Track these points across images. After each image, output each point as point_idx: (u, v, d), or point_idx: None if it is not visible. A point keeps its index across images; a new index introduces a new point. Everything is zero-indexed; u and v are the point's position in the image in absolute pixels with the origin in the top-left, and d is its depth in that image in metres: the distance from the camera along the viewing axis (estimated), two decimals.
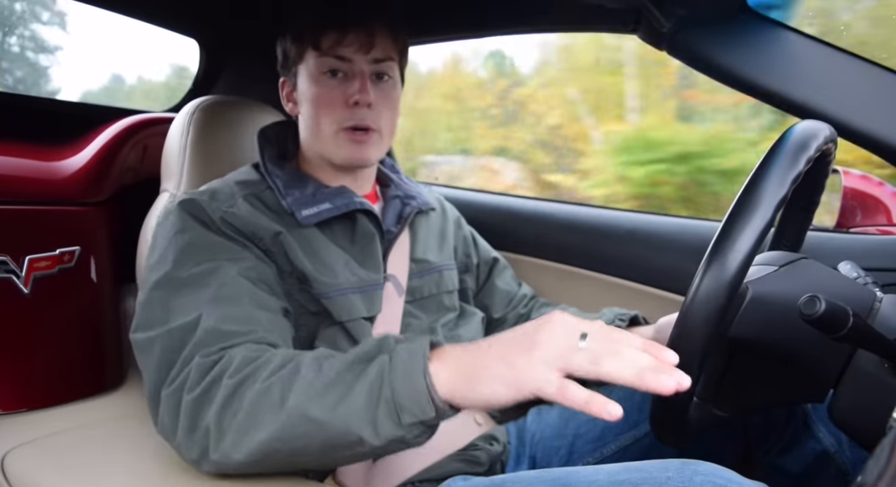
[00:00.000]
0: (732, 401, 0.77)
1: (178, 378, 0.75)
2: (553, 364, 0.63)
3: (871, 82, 0.93)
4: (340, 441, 0.69)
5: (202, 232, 0.88)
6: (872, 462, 0.38)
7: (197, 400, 0.73)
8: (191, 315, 0.79)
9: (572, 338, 0.64)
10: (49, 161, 1.18)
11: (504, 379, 0.64)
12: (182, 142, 1.12)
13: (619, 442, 1.03)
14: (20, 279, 1.07)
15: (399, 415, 0.67)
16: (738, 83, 0.99)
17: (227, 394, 0.72)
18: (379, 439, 0.68)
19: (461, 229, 1.28)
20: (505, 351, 0.66)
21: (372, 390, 0.68)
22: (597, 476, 0.70)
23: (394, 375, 0.68)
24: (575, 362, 0.62)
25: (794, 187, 0.65)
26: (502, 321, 1.25)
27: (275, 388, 0.71)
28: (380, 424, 0.67)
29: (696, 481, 0.63)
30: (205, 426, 0.72)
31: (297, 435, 0.69)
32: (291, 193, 0.98)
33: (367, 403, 0.68)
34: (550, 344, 0.64)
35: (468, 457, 0.98)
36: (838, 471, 0.90)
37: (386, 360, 0.70)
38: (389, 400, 0.67)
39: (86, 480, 0.84)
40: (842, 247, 1.16)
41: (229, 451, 0.71)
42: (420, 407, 0.67)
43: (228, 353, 0.76)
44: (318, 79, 0.98)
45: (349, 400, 0.68)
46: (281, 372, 0.72)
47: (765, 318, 0.71)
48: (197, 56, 1.65)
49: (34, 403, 1.09)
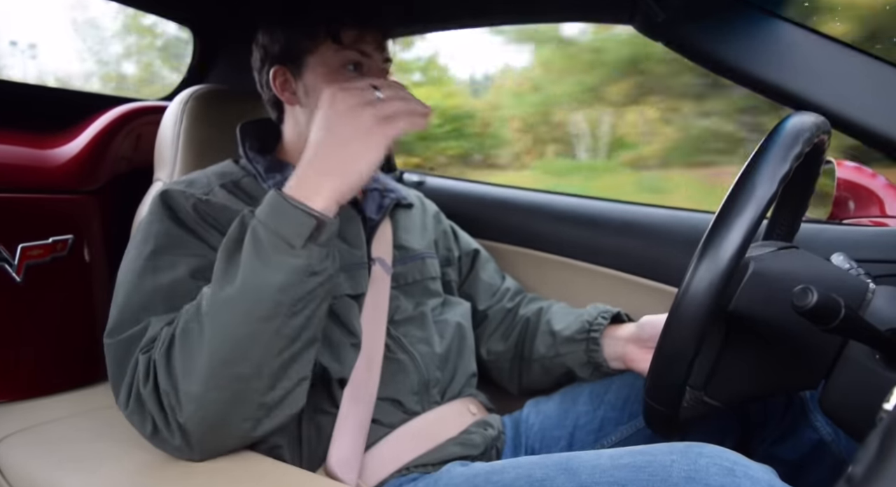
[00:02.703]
0: (725, 391, 0.78)
1: (133, 382, 0.77)
2: (363, 108, 0.74)
3: (865, 73, 0.93)
4: (262, 304, 0.71)
5: (170, 225, 0.88)
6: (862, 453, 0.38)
7: (152, 387, 0.75)
8: (140, 322, 0.81)
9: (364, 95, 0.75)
10: (42, 149, 1.17)
11: (339, 140, 0.74)
12: (175, 131, 1.11)
13: (619, 433, 1.03)
14: (12, 267, 1.06)
15: (289, 243, 0.71)
16: (733, 73, 0.99)
17: (165, 360, 0.74)
18: (287, 274, 0.71)
19: (440, 223, 1.28)
20: (334, 137, 0.75)
21: (254, 244, 0.72)
22: (599, 459, 0.71)
23: (263, 221, 0.72)
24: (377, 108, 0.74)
25: (787, 177, 0.65)
26: (485, 314, 1.24)
27: (190, 322, 0.74)
28: (278, 262, 0.71)
29: (702, 463, 0.63)
30: (165, 396, 0.74)
31: (223, 329, 0.72)
32: (273, 177, 0.99)
33: (256, 256, 0.71)
34: (339, 109, 0.75)
35: (463, 441, 0.99)
36: (834, 460, 0.90)
37: (252, 222, 0.74)
38: (273, 239, 0.71)
39: (79, 468, 0.84)
40: (835, 239, 1.16)
41: (189, 398, 0.72)
42: (299, 221, 0.71)
43: (159, 336, 0.78)
44: (338, 71, 0.97)
45: (243, 265, 0.72)
46: (190, 311, 0.75)
47: (763, 296, 0.71)
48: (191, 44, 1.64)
49: (27, 392, 1.09)
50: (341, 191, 0.75)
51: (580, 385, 1.12)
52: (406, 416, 0.98)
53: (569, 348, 1.12)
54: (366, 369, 0.94)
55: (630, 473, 0.67)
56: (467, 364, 1.11)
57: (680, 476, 0.63)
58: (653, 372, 0.69)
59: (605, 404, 1.05)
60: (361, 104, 0.74)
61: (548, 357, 1.14)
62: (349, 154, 0.74)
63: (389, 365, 0.98)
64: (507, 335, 1.22)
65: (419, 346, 1.02)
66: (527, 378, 1.19)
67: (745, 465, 0.63)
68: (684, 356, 0.65)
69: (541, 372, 1.16)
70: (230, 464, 0.79)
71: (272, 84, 1.01)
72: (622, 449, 0.71)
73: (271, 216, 0.72)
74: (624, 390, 1.05)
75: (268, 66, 1.02)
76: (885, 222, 1.35)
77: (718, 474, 0.62)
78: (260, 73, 1.04)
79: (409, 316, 1.04)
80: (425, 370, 1.01)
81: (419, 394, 1.00)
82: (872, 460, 0.36)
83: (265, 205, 0.74)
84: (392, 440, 0.95)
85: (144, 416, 0.76)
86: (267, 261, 0.71)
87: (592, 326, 1.10)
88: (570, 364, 1.12)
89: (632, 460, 0.68)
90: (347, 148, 0.74)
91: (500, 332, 1.22)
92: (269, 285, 0.71)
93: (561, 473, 0.71)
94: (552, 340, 1.14)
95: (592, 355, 1.09)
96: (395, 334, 1.00)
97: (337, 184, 0.74)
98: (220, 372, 0.72)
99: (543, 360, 1.15)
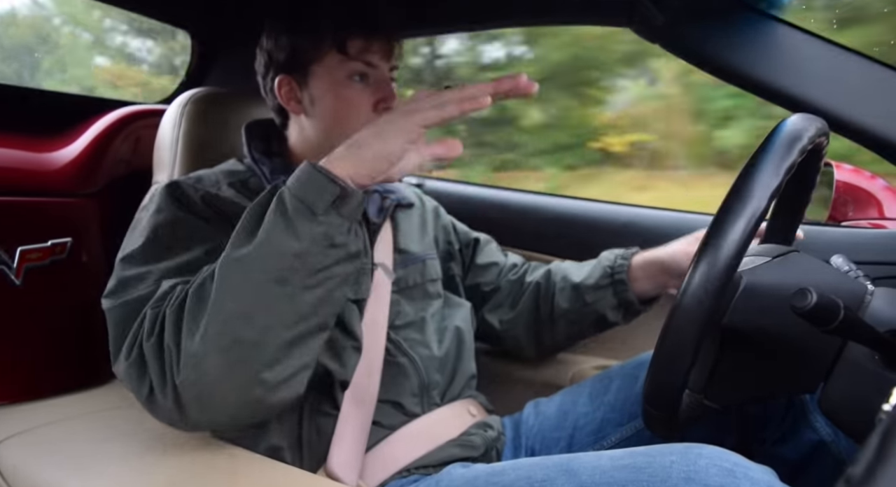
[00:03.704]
0: (723, 393, 0.78)
1: (138, 336, 0.76)
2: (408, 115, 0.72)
3: (864, 76, 0.93)
4: (274, 268, 0.70)
5: (179, 213, 0.88)
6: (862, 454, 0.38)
7: (155, 341, 0.74)
8: (152, 285, 0.80)
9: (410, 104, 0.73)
10: (41, 152, 1.17)
11: (382, 135, 0.73)
12: (174, 134, 1.11)
13: (619, 434, 1.03)
14: (12, 270, 1.06)
15: (312, 209, 0.70)
16: (731, 77, 0.99)
17: (174, 317, 0.73)
18: (304, 240, 0.70)
19: (440, 219, 1.28)
20: (371, 129, 0.74)
21: (277, 209, 0.72)
22: (599, 460, 0.71)
23: (290, 187, 0.72)
24: (424, 108, 0.71)
25: (786, 179, 0.65)
26: (496, 290, 1.26)
27: (203, 282, 0.73)
28: (299, 227, 0.70)
29: (701, 464, 0.63)
30: (168, 353, 0.73)
31: (231, 289, 0.71)
32: (278, 178, 0.98)
33: (279, 219, 0.71)
34: (397, 110, 0.74)
35: (463, 442, 0.99)
36: (834, 461, 0.90)
37: (280, 186, 0.74)
38: (297, 205, 0.71)
39: (78, 470, 0.84)
40: (833, 241, 1.16)
41: (191, 359, 0.71)
42: (325, 189, 0.71)
43: (172, 294, 0.77)
44: (344, 83, 0.97)
45: (263, 228, 0.71)
46: (206, 271, 0.75)
47: (758, 308, 0.71)
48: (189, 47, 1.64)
49: (26, 395, 1.09)
50: (365, 170, 0.73)
51: (580, 386, 1.12)
52: (406, 418, 0.98)
53: (596, 296, 1.15)
54: (366, 372, 0.94)
55: (630, 474, 0.67)
56: (467, 366, 1.11)
57: (679, 477, 0.63)
58: (651, 378, 0.69)
59: (605, 405, 1.05)
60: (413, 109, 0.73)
61: (573, 310, 1.17)
62: (383, 135, 0.73)
63: (390, 368, 0.98)
64: (516, 303, 1.23)
65: (419, 349, 1.02)
66: (549, 336, 1.22)
67: (745, 466, 0.63)
68: (682, 362, 0.65)
69: (566, 327, 1.19)
70: (231, 464, 0.80)
71: (277, 93, 1.01)
72: (622, 450, 0.72)
73: (297, 182, 0.72)
74: (623, 391, 1.05)
75: (272, 74, 1.01)
76: (884, 224, 1.35)
77: (718, 475, 0.62)
78: (264, 79, 1.04)
79: (409, 321, 1.04)
80: (425, 373, 1.01)
81: (419, 396, 1.00)
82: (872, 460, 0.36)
83: (295, 173, 0.74)
84: (392, 441, 0.95)
85: (143, 375, 0.75)
86: (288, 224, 0.70)
87: (615, 270, 1.14)
88: (601, 310, 1.15)
89: (632, 461, 0.68)
90: (382, 132, 0.73)
91: (510, 302, 1.24)
92: (288, 247, 0.70)
93: (561, 474, 0.72)
94: (575, 293, 1.17)
95: (623, 295, 1.13)
96: (395, 338, 1.00)
97: (366, 158, 0.73)
98: (223, 330, 0.70)
99: (569, 314, 1.17)
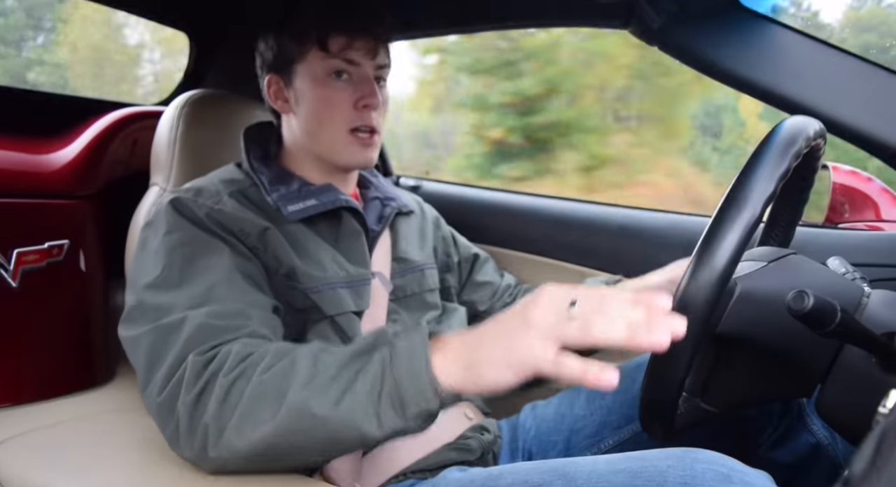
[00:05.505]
0: (720, 397, 0.78)
1: (174, 377, 0.75)
2: (548, 338, 0.61)
3: (861, 78, 0.93)
4: (343, 436, 0.69)
5: (191, 229, 0.87)
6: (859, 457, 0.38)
7: (195, 400, 0.72)
8: (180, 313, 0.79)
9: (562, 308, 0.62)
10: (38, 154, 1.17)
11: (504, 361, 0.64)
12: (172, 136, 1.11)
13: (616, 437, 1.03)
14: (8, 273, 1.06)
15: (403, 408, 0.67)
16: (728, 79, 0.99)
17: (225, 391, 0.71)
18: (382, 431, 0.68)
19: (440, 229, 1.28)
20: (501, 335, 0.65)
21: (374, 384, 0.68)
22: (596, 465, 0.71)
23: (396, 368, 0.68)
24: (568, 333, 0.61)
25: (782, 182, 0.65)
26: (488, 312, 1.25)
27: (273, 383, 0.71)
28: (383, 417, 0.68)
29: (698, 469, 0.63)
30: (203, 424, 0.72)
31: (297, 430, 0.69)
32: (277, 189, 0.98)
33: (369, 397, 0.68)
34: (543, 319, 0.62)
35: (460, 446, 0.98)
36: (831, 464, 0.90)
37: (386, 353, 0.70)
38: (393, 394, 0.67)
39: (75, 474, 0.84)
40: (830, 243, 1.16)
41: (229, 447, 0.71)
42: (424, 398, 0.67)
43: (222, 349, 0.75)
44: (323, 80, 0.97)
45: (352, 394, 0.68)
46: (278, 366, 0.72)
47: (753, 314, 0.71)
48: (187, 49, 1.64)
49: (23, 398, 1.08)
50: (475, 385, 0.67)
51: (577, 389, 1.12)
52: None
53: None
54: None
55: (626, 478, 0.67)
56: None
57: (676, 481, 0.63)
58: (647, 384, 0.69)
59: (602, 408, 1.05)
60: (563, 319, 0.62)
61: None
62: (512, 356, 0.64)
63: None
64: None
65: None
66: None
67: (742, 471, 0.63)
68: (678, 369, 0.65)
69: None
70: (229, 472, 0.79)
71: (266, 92, 1.03)
72: (619, 455, 0.71)
73: (407, 370, 0.68)
74: (620, 394, 1.05)
75: (263, 74, 1.03)
76: (881, 226, 1.36)
77: (714, 480, 0.62)
78: (260, 81, 1.05)
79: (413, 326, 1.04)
80: None
81: None
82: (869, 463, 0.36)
83: (405, 346, 0.70)
84: (389, 445, 0.94)
85: (171, 419, 0.75)
86: (376, 410, 0.68)
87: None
88: None
89: (628, 465, 0.68)
90: (502, 351, 0.65)
91: None
92: (366, 429, 0.69)
93: (558, 478, 0.71)
94: None
95: None
96: None
97: (481, 377, 0.66)
98: (267, 450, 0.71)
99: None
